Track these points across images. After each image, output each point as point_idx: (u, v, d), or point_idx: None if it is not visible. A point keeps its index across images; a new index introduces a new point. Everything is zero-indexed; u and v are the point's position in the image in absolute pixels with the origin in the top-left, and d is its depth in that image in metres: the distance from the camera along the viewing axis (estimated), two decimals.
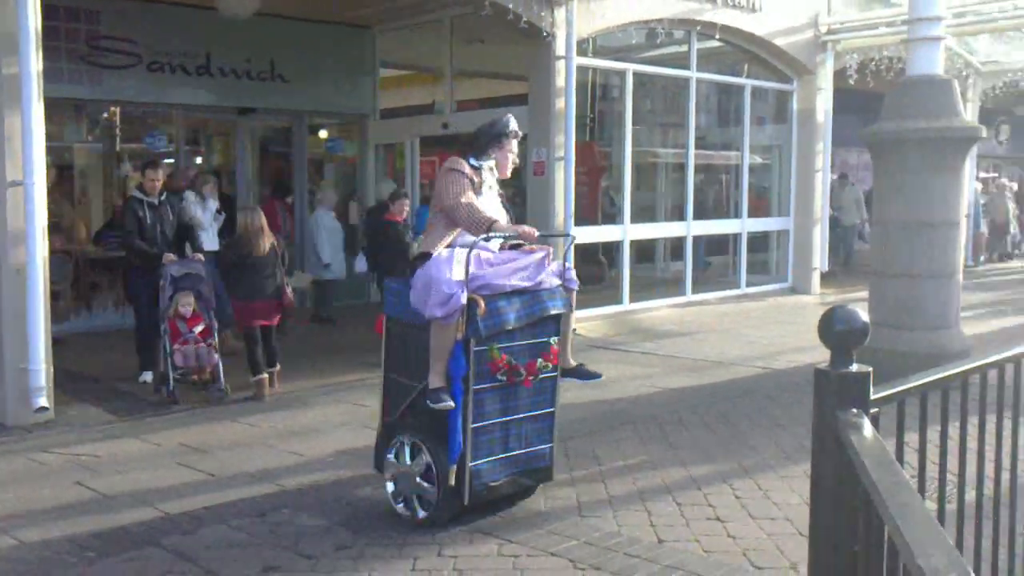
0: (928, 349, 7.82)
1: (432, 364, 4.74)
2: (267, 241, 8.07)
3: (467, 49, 12.99)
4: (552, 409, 5.09)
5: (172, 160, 12.55)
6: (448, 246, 4.88)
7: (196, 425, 7.09)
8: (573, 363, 5.25)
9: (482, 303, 4.65)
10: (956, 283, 8.31)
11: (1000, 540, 2.82)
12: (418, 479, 4.87)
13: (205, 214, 10.10)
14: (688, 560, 4.42)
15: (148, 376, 8.34)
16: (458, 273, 4.63)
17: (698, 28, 12.13)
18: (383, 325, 5.20)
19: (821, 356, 2.29)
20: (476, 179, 5.00)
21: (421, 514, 4.88)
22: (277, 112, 13.27)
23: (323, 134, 14.41)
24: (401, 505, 4.99)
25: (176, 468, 5.96)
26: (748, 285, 13.95)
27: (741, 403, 7.52)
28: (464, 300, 4.59)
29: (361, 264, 10.63)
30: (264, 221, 8.15)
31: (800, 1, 13.76)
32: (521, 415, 4.96)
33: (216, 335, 8.08)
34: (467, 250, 4.71)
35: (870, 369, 2.09)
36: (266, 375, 7.98)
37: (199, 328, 7.92)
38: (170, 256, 8.10)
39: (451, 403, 4.66)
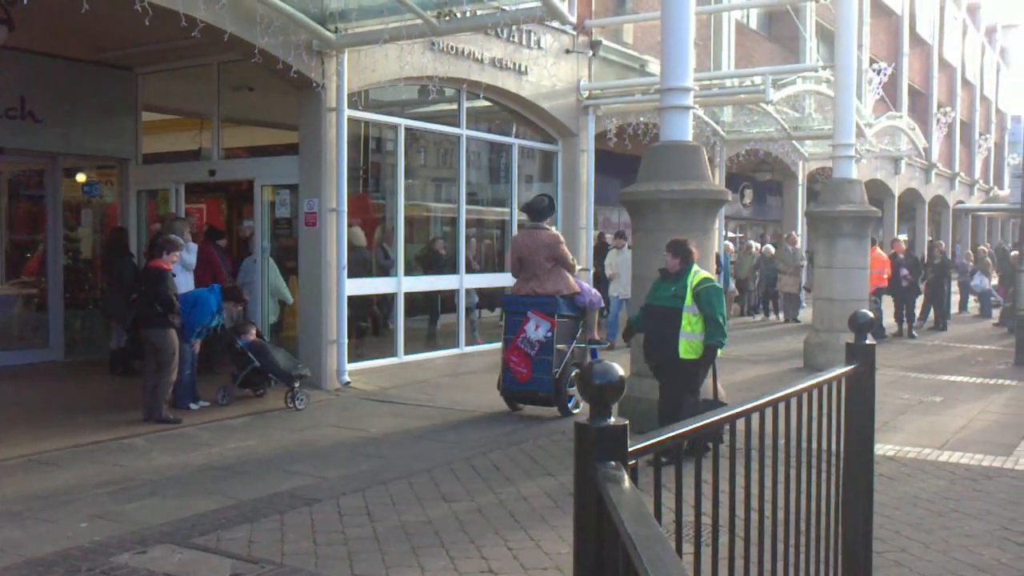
0: None
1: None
2: None
3: (235, 95, 12.67)
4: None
5: None
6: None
7: None
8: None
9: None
10: None
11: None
12: None
13: None
14: None
15: None
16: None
17: (466, 87, 12.45)
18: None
19: None
20: None
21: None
22: (28, 153, 12.35)
23: (80, 177, 13.54)
24: None
25: None
26: None
27: (513, 453, 7.63)
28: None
29: None
30: None
31: (563, 66, 14.44)
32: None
33: None
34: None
35: (627, 422, 2.16)
36: None
37: None
38: None
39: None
